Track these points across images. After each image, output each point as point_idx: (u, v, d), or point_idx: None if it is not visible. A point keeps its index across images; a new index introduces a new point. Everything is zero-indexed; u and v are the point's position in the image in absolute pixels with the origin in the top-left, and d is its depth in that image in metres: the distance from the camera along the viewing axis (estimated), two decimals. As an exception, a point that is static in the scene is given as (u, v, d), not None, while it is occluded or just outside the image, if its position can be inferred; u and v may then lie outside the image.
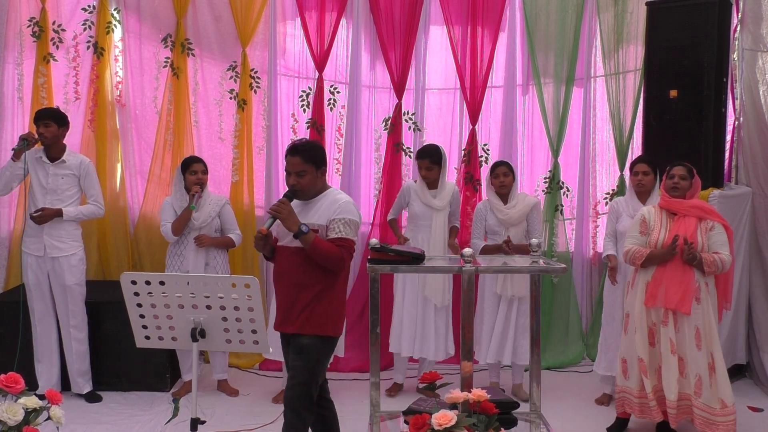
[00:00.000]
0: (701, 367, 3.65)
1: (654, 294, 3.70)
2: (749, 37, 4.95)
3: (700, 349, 3.65)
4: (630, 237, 3.88)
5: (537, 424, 3.41)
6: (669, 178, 3.82)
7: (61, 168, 4.35)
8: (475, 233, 4.69)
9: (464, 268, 3.14)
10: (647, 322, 3.77)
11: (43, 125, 4.27)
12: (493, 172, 4.61)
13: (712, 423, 3.62)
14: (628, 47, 5.26)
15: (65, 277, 4.36)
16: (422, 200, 4.58)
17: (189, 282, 2.64)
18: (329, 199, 3.14)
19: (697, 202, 3.80)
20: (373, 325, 3.48)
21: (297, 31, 5.42)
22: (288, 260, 3.09)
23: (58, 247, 4.35)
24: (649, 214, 3.87)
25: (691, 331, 3.66)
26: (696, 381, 3.65)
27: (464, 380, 3.14)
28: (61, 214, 4.31)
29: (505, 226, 4.54)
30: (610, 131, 5.37)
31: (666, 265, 3.69)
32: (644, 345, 3.76)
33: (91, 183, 4.45)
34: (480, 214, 4.66)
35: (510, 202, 4.58)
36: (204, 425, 2.78)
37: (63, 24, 5.14)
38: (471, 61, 5.39)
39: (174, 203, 4.45)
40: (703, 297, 3.68)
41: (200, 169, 4.42)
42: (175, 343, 2.75)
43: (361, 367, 5.00)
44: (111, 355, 4.59)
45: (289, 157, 3.09)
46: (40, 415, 2.35)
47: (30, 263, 4.36)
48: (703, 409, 3.65)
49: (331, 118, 5.44)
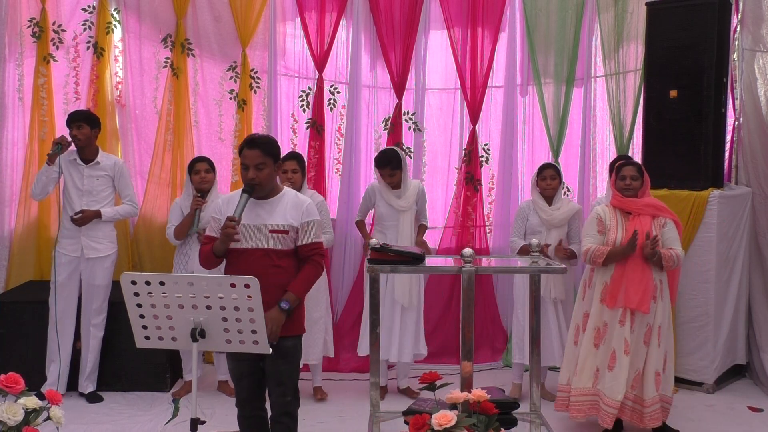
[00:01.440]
0: (659, 363, 3.75)
1: (615, 295, 3.74)
2: (749, 37, 4.95)
3: (659, 346, 3.74)
4: (588, 236, 3.90)
5: (537, 424, 3.41)
6: (620, 179, 3.85)
7: (96, 169, 4.40)
8: (515, 232, 4.66)
9: (464, 268, 3.14)
10: (598, 323, 3.81)
11: (75, 127, 4.31)
12: (540, 174, 4.56)
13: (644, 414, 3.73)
14: (629, 47, 5.26)
15: (97, 277, 4.41)
16: (387, 201, 4.55)
17: (189, 282, 2.64)
18: (292, 200, 3.07)
19: (649, 200, 3.86)
20: (373, 325, 3.48)
21: (297, 31, 5.42)
22: (259, 262, 2.97)
23: (95, 248, 4.39)
24: (604, 213, 3.89)
25: (643, 328, 3.73)
26: (655, 377, 3.72)
27: (464, 380, 3.14)
28: (100, 216, 4.36)
29: (547, 226, 4.51)
30: (611, 131, 5.37)
31: (625, 265, 3.73)
32: (588, 345, 3.82)
33: (125, 183, 4.51)
34: (522, 213, 4.63)
35: (554, 204, 4.55)
36: (204, 425, 2.77)
37: (63, 24, 5.14)
38: (471, 61, 5.39)
39: (182, 204, 4.47)
40: (658, 295, 3.76)
41: (203, 168, 4.43)
42: (175, 343, 2.75)
43: (361, 368, 5.00)
44: (111, 356, 4.59)
45: (247, 150, 2.98)
46: (40, 416, 2.35)
47: (64, 263, 4.38)
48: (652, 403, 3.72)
49: (331, 118, 5.44)
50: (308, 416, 4.29)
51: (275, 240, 3.01)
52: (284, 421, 3.07)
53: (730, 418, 4.28)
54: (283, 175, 4.39)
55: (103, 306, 4.48)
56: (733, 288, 4.76)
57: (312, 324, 4.44)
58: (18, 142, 5.14)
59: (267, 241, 3.00)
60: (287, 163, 4.42)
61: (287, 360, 3.05)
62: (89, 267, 4.40)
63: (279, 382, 3.04)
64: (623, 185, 3.84)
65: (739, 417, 4.32)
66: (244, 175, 3.01)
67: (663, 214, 3.84)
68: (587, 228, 3.93)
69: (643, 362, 3.74)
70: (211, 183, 4.47)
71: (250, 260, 2.98)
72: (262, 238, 3.00)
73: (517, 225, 4.65)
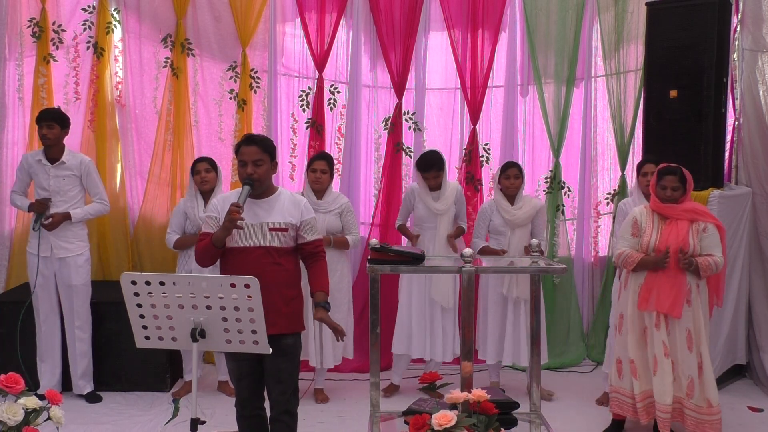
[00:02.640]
0: (692, 369, 3.67)
1: (646, 298, 3.71)
2: (749, 37, 4.95)
3: (691, 350, 3.68)
4: (622, 239, 3.87)
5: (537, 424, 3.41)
6: (661, 189, 3.76)
7: (62, 169, 4.35)
8: (476, 233, 4.69)
9: (464, 268, 3.14)
10: (639, 325, 3.78)
11: (46, 127, 4.27)
12: (503, 173, 4.58)
13: (700, 422, 3.65)
14: (629, 47, 5.26)
15: (72, 277, 4.36)
16: (425, 204, 4.58)
17: (189, 282, 2.64)
18: (288, 198, 3.12)
19: (688, 206, 3.76)
20: (373, 325, 3.48)
21: (297, 30, 5.42)
22: (260, 260, 2.99)
23: (65, 247, 4.35)
24: (641, 215, 3.84)
25: (683, 333, 3.68)
26: (688, 383, 3.67)
27: (464, 380, 3.14)
28: (70, 218, 4.32)
29: (510, 226, 4.53)
30: (611, 131, 5.37)
31: (658, 269, 3.69)
32: (636, 347, 3.78)
33: (93, 182, 4.45)
34: (484, 213, 4.65)
35: (516, 204, 4.56)
36: (204, 425, 2.78)
37: (63, 24, 5.15)
38: (471, 61, 5.39)
39: (186, 207, 4.47)
40: (693, 298, 3.70)
41: (203, 168, 4.42)
42: (175, 343, 2.75)
43: (361, 368, 5.00)
44: (111, 356, 4.59)
45: (245, 147, 3.02)
46: (40, 416, 2.35)
47: (36, 264, 4.36)
48: (693, 410, 3.67)
49: (331, 117, 5.44)
50: (308, 416, 4.29)
51: (275, 238, 3.02)
52: (284, 419, 3.08)
53: (730, 418, 4.28)
54: (312, 175, 4.41)
55: (84, 307, 4.44)
56: (734, 288, 4.76)
57: None
58: (18, 142, 5.14)
59: (267, 239, 3.01)
60: (317, 162, 4.44)
61: (287, 358, 3.05)
62: (62, 267, 4.35)
63: (279, 380, 3.05)
64: (664, 195, 3.73)
65: (739, 417, 4.32)
66: (241, 172, 3.04)
67: (702, 219, 3.73)
68: (622, 231, 3.89)
69: (693, 369, 3.67)
70: (213, 183, 4.46)
71: (250, 258, 2.99)
72: (262, 236, 3.01)
73: (479, 226, 4.67)
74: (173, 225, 4.50)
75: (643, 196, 4.26)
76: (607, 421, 4.12)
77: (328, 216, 4.45)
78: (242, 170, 3.03)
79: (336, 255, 4.47)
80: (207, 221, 3.10)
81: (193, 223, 4.42)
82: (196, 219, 4.39)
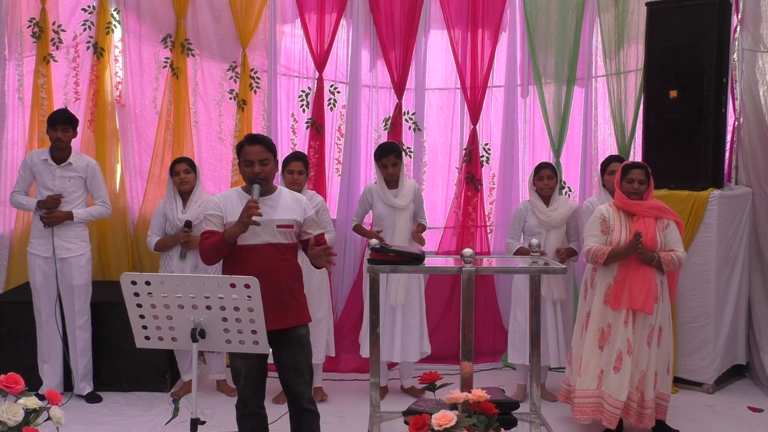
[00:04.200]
0: (661, 363, 3.76)
1: (619, 296, 3.74)
2: (749, 37, 4.95)
3: (649, 346, 3.74)
4: (590, 236, 3.89)
5: (537, 424, 3.41)
6: (628, 182, 3.81)
7: (68, 170, 4.35)
8: (512, 233, 4.64)
9: (464, 269, 3.14)
10: (601, 323, 3.81)
11: (61, 130, 4.28)
12: (537, 174, 4.53)
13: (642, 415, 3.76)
14: (629, 47, 5.25)
15: (74, 278, 4.36)
16: (384, 201, 4.53)
17: (189, 282, 2.64)
18: (289, 196, 3.20)
19: (654, 203, 3.85)
20: (373, 325, 3.48)
21: (297, 30, 5.42)
22: (270, 257, 3.05)
23: (67, 247, 4.35)
24: (608, 213, 3.87)
25: (645, 329, 3.74)
26: (640, 377, 3.73)
27: (464, 380, 3.14)
28: (72, 217, 4.32)
29: (546, 227, 4.49)
30: (612, 131, 5.37)
31: (628, 267, 3.74)
32: (592, 347, 3.82)
33: (97, 185, 4.46)
34: (520, 214, 4.60)
35: (552, 205, 4.52)
36: (204, 425, 2.77)
37: (63, 24, 5.14)
38: (471, 61, 5.39)
39: (165, 209, 4.45)
40: (660, 296, 3.76)
41: (182, 169, 4.40)
42: (175, 343, 2.75)
43: (361, 368, 5.00)
44: (111, 356, 4.59)
45: (250, 146, 3.09)
46: (40, 416, 2.35)
47: (38, 264, 4.35)
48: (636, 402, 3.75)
49: (331, 117, 5.44)
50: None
51: (282, 234, 3.10)
52: (311, 408, 3.18)
53: (730, 419, 4.28)
54: (289, 176, 4.38)
55: (85, 307, 4.44)
56: (733, 288, 4.76)
57: (315, 324, 4.44)
58: (18, 142, 5.14)
59: (275, 236, 3.08)
60: (293, 163, 4.40)
61: (303, 348, 3.16)
62: (63, 267, 4.35)
63: (299, 372, 3.14)
64: (631, 189, 3.79)
65: (739, 417, 4.32)
66: (247, 170, 3.09)
67: (666, 216, 3.83)
68: (590, 227, 3.92)
69: (646, 363, 3.74)
70: (192, 183, 4.44)
71: (260, 255, 3.04)
72: (270, 233, 3.08)
73: (514, 227, 4.64)
74: (153, 227, 4.49)
75: (609, 195, 4.31)
76: (606, 421, 4.12)
77: None
78: (248, 169, 3.09)
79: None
80: (209, 219, 3.12)
81: (173, 224, 4.41)
82: (175, 220, 4.38)
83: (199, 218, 4.36)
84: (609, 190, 4.33)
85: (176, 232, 4.39)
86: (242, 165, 3.12)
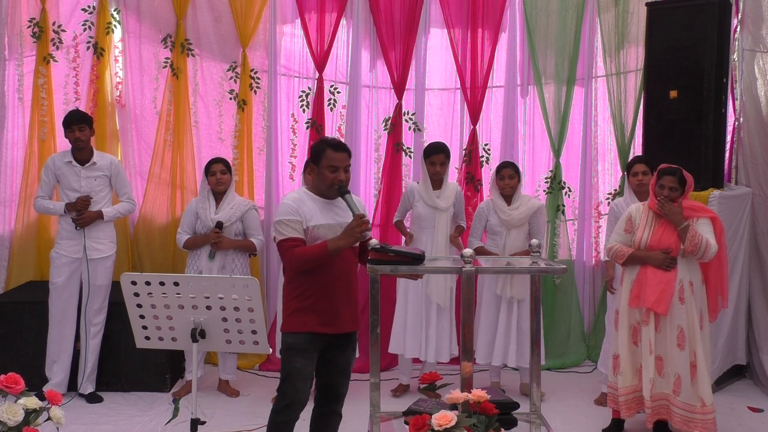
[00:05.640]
0: (682, 367, 3.67)
1: (637, 295, 3.74)
2: (749, 37, 4.95)
3: (682, 348, 3.68)
4: (614, 234, 3.91)
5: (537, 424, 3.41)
6: (659, 188, 3.76)
7: (93, 170, 4.38)
8: (473, 233, 4.70)
9: (464, 269, 3.14)
10: (631, 321, 3.81)
11: (78, 130, 4.29)
12: (498, 173, 4.59)
13: (690, 421, 3.65)
14: (629, 47, 5.26)
15: (98, 278, 4.39)
16: (426, 201, 4.57)
17: (189, 282, 2.64)
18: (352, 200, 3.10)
19: (685, 204, 3.75)
20: (373, 325, 3.47)
21: (297, 30, 5.42)
22: (349, 259, 3.09)
23: (97, 248, 4.38)
24: (636, 212, 3.87)
25: (674, 331, 3.69)
26: (675, 380, 3.68)
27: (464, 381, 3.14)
28: (102, 217, 4.35)
29: (507, 227, 4.54)
30: (612, 131, 5.37)
31: (648, 266, 3.72)
32: (626, 343, 3.81)
33: (122, 181, 4.50)
34: (481, 213, 4.66)
35: (513, 204, 4.56)
36: (204, 426, 2.78)
37: (63, 24, 5.15)
38: (471, 62, 5.39)
39: (198, 208, 4.46)
40: (687, 297, 3.70)
41: (219, 170, 4.42)
42: (175, 343, 2.75)
43: (361, 368, 4.98)
44: (111, 356, 4.59)
45: (336, 152, 3.01)
46: (40, 416, 2.34)
47: (64, 264, 4.36)
48: (682, 408, 3.67)
49: (331, 118, 5.44)
50: (308, 416, 4.29)
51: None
52: (340, 412, 3.28)
53: (730, 418, 4.28)
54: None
55: (103, 306, 4.47)
56: (733, 288, 4.76)
57: None
58: (18, 142, 5.14)
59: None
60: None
61: (355, 351, 3.25)
62: (91, 268, 4.37)
63: (347, 375, 3.22)
64: (662, 194, 3.72)
65: (739, 417, 4.32)
66: (330, 176, 3.00)
67: (698, 215, 3.73)
68: (617, 225, 3.93)
69: (679, 366, 3.68)
70: (227, 184, 4.46)
71: (341, 258, 3.04)
72: None
73: (476, 226, 4.68)
74: (184, 225, 4.50)
75: (634, 196, 4.29)
76: (606, 421, 4.12)
77: None
78: (332, 175, 3.01)
79: None
80: (288, 225, 2.97)
81: (204, 223, 4.41)
82: (207, 220, 4.39)
83: (231, 219, 4.40)
84: (633, 191, 4.30)
85: (207, 231, 4.38)
86: (323, 169, 3.01)
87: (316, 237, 3.00)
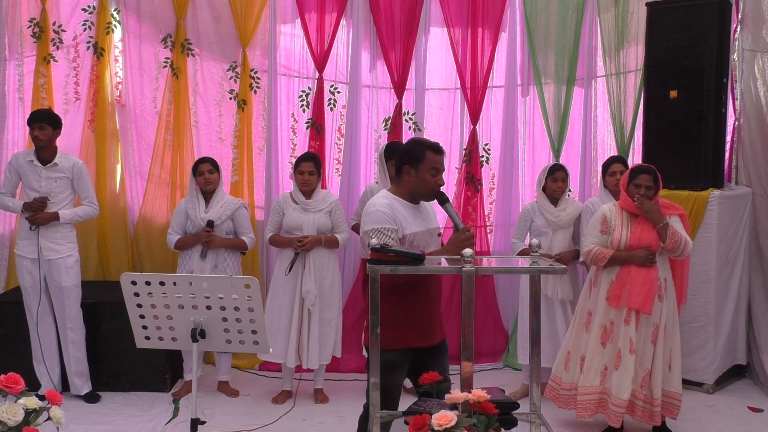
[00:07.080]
0: (650, 362, 3.74)
1: (618, 294, 3.75)
2: (749, 37, 4.95)
3: (654, 344, 3.75)
4: (590, 236, 3.90)
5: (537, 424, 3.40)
6: (635, 187, 3.75)
7: (54, 171, 4.30)
8: (517, 233, 4.63)
9: (464, 269, 3.13)
10: (604, 321, 3.82)
11: (38, 128, 4.21)
12: (551, 175, 4.49)
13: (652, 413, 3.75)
14: (629, 47, 5.26)
15: (62, 279, 4.32)
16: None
17: (189, 282, 2.64)
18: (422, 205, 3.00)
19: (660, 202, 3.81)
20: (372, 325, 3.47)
21: (297, 30, 5.42)
22: None
23: (53, 249, 4.31)
24: (610, 213, 3.86)
25: (649, 328, 3.74)
26: (644, 375, 3.73)
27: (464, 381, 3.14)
28: (58, 218, 4.28)
29: (553, 228, 4.48)
30: (611, 131, 5.37)
31: (630, 266, 3.73)
32: (596, 344, 3.83)
33: (84, 185, 4.39)
34: (526, 215, 4.59)
35: (560, 205, 4.51)
36: (204, 426, 2.78)
37: (63, 24, 5.15)
38: (471, 62, 5.40)
39: (187, 208, 4.45)
40: (663, 293, 3.76)
41: (206, 169, 4.41)
42: (175, 343, 2.75)
43: (361, 368, 4.99)
44: (111, 356, 4.59)
45: (438, 155, 2.84)
46: (40, 416, 2.34)
47: (25, 265, 4.33)
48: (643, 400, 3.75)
49: (332, 118, 5.44)
50: (308, 416, 4.30)
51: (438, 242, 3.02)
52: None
53: (730, 419, 4.28)
54: (300, 177, 4.38)
55: (75, 308, 4.39)
56: (734, 288, 4.76)
57: (325, 324, 4.44)
58: (18, 142, 5.14)
59: (438, 245, 3.02)
60: (304, 164, 4.40)
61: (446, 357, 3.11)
62: (51, 269, 4.31)
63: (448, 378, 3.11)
64: (638, 194, 3.74)
65: (739, 417, 4.32)
66: (431, 180, 2.84)
67: (669, 212, 3.80)
68: (591, 227, 3.93)
69: (651, 361, 3.74)
70: (216, 184, 4.45)
71: None
72: (436, 242, 3.01)
73: (520, 227, 4.63)
74: (174, 225, 4.49)
75: (610, 195, 4.31)
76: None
77: (318, 215, 4.41)
78: (433, 179, 2.83)
79: (326, 254, 4.47)
80: (384, 234, 2.80)
81: (194, 223, 4.41)
82: (198, 220, 4.38)
83: (221, 218, 4.38)
84: (610, 191, 4.34)
85: (197, 231, 4.38)
86: (424, 172, 2.82)
87: (412, 245, 2.81)
